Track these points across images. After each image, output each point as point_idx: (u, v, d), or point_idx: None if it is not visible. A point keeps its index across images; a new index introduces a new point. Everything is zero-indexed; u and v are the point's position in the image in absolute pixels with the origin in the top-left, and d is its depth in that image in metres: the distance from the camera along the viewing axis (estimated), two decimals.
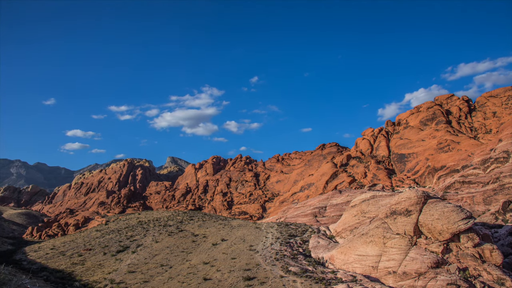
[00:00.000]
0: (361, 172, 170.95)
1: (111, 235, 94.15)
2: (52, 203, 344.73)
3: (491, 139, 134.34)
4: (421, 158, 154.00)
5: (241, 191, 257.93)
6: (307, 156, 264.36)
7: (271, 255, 56.27)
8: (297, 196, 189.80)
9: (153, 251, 70.31)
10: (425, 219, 43.73)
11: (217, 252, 62.57)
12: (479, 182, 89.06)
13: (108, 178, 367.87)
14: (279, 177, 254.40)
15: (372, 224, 50.18)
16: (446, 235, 41.66)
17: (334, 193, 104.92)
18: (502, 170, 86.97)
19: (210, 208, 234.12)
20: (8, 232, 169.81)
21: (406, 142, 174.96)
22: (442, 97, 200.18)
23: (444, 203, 45.15)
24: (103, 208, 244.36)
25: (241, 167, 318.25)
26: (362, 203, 61.93)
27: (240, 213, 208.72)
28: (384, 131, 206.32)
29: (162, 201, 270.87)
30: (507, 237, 53.14)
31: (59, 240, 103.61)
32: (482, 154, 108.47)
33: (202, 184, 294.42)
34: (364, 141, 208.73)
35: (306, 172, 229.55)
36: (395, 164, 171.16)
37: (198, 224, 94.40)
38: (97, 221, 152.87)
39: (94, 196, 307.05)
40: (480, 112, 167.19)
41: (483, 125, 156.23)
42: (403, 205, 47.01)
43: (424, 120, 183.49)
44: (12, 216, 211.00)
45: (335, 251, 51.52)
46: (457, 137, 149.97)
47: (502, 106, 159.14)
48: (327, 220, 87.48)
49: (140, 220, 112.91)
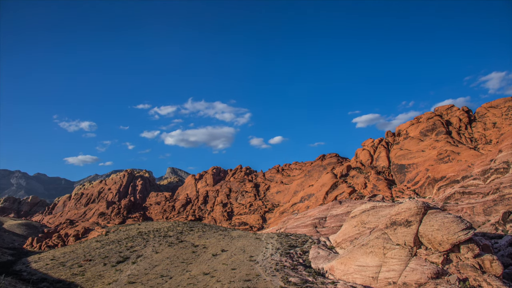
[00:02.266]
0: (361, 182, 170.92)
1: (111, 246, 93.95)
2: (52, 214, 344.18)
3: (491, 150, 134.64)
4: (421, 169, 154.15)
5: (241, 202, 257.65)
6: (307, 166, 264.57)
7: (271, 265, 56.18)
8: (297, 206, 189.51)
9: (153, 262, 70.18)
10: (425, 230, 43.79)
11: (217, 263, 62.45)
12: (479, 193, 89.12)
13: (108, 188, 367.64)
14: (279, 188, 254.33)
15: (372, 235, 50.20)
16: (446, 245, 41.71)
17: (334, 204, 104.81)
18: (502, 180, 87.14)
19: (210, 219, 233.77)
20: (8, 243, 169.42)
21: (406, 153, 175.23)
22: (442, 108, 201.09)
23: (444, 213, 45.24)
24: (103, 219, 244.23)
25: (241, 177, 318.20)
26: (362, 214, 61.96)
27: (240, 223, 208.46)
28: (384, 142, 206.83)
29: (162, 212, 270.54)
30: (507, 247, 53.14)
31: (59, 251, 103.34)
32: (482, 165, 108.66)
33: (202, 195, 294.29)
34: (364, 152, 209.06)
35: (306, 182, 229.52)
36: (395, 175, 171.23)
37: (198, 234, 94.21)
38: (97, 232, 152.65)
39: (94, 207, 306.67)
40: (480, 123, 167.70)
41: (483, 136, 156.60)
42: (403, 216, 47.10)
43: (424, 130, 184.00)
44: (12, 227, 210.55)
45: (335, 261, 51.47)
46: (457, 148, 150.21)
47: (502, 117, 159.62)
48: (327, 230, 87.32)
49: (140, 231, 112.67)
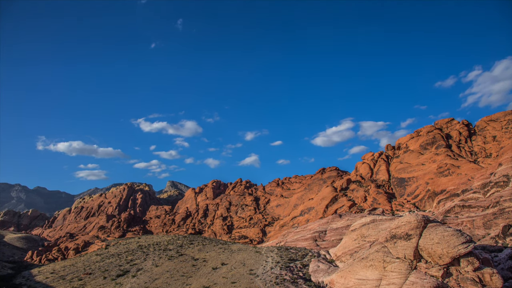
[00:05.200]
0: (361, 196, 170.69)
1: (111, 259, 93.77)
2: (52, 227, 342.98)
3: (491, 163, 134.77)
4: (421, 182, 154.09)
5: (241, 215, 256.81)
6: (307, 180, 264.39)
7: (271, 279, 56.16)
8: (297, 220, 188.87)
9: (153, 275, 70.04)
10: (425, 243, 43.95)
11: (217, 276, 62.38)
12: (479, 206, 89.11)
13: (108, 202, 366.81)
14: (279, 201, 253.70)
15: (372, 248, 50.31)
16: (446, 259, 41.83)
17: (334, 217, 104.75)
18: (502, 194, 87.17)
19: (210, 232, 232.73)
20: (8, 256, 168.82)
21: (406, 166, 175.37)
22: (442, 121, 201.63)
23: (444, 227, 45.44)
24: (103, 232, 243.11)
25: (241, 191, 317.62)
26: (362, 227, 62.10)
27: (240, 237, 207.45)
28: (384, 155, 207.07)
29: (162, 225, 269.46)
30: (507, 261, 53.12)
31: (59, 264, 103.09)
32: (482, 178, 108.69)
33: (202, 208, 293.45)
34: (364, 165, 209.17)
35: (306, 196, 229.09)
36: (395, 188, 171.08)
37: (198, 248, 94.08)
38: (97, 245, 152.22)
39: (94, 220, 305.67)
40: (480, 136, 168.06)
41: (483, 149, 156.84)
42: (403, 229, 47.30)
43: (424, 144, 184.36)
44: (12, 240, 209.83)
45: (335, 275, 51.47)
46: (457, 161, 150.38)
47: (502, 130, 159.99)
48: (327, 244, 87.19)
49: (140, 244, 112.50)
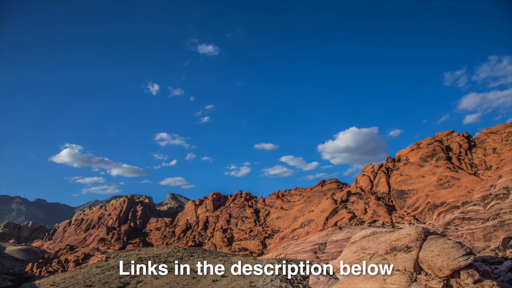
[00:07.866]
0: (361, 208, 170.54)
1: (111, 271, 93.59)
2: (52, 240, 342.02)
3: (491, 176, 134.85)
4: (421, 195, 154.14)
5: (241, 228, 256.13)
6: (307, 192, 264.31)
7: None
8: (297, 232, 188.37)
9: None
10: (425, 256, 44.07)
11: None
12: (479, 219, 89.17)
13: (108, 214, 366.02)
14: (279, 214, 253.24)
15: (372, 261, 50.39)
16: (446, 271, 41.92)
17: (334, 230, 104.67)
18: (502, 206, 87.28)
19: (210, 245, 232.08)
20: (8, 269, 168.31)
21: (406, 179, 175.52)
22: (442, 134, 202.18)
23: (444, 239, 45.59)
24: (103, 244, 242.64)
25: (241, 203, 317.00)
26: (362, 240, 62.17)
27: (240, 249, 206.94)
28: (384, 168, 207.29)
29: (162, 238, 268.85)
30: (507, 273, 53.17)
31: (59, 277, 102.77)
32: (482, 191, 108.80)
33: (202, 221, 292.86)
34: (364, 178, 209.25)
35: (306, 208, 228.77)
36: (395, 201, 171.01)
37: (199, 260, 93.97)
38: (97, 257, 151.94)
39: (94, 233, 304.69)
40: (480, 149, 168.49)
41: (483, 162, 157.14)
42: (403, 242, 47.43)
43: (424, 156, 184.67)
44: (12, 252, 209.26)
45: (335, 287, 51.49)
46: (457, 174, 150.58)
47: (502, 143, 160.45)
48: (327, 256, 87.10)
49: (140, 256, 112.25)
